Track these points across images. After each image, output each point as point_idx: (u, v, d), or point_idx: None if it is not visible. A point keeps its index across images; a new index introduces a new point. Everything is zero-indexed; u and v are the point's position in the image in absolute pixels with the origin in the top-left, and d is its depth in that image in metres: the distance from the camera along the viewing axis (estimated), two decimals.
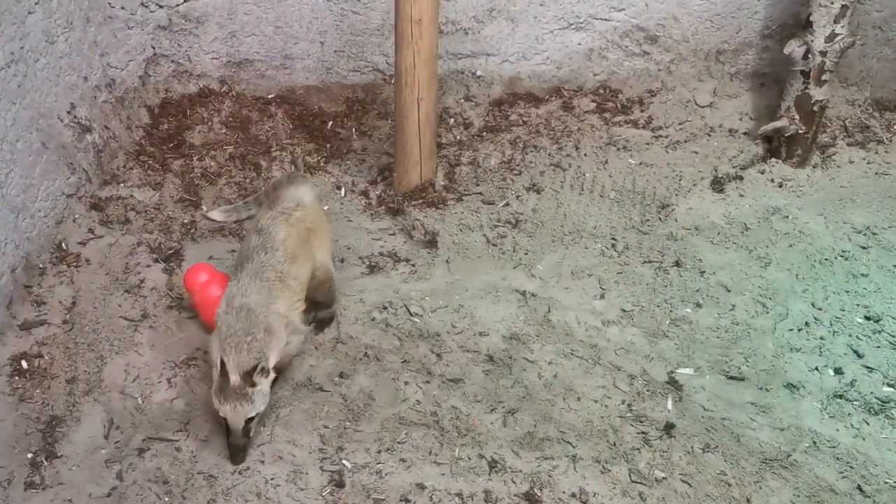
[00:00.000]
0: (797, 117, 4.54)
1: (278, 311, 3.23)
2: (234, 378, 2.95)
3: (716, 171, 4.59)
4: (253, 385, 2.97)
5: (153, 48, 4.71)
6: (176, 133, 4.62)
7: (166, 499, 2.94)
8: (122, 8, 4.48)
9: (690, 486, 3.03)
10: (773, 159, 4.67)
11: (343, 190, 4.44)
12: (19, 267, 3.64)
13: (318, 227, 3.57)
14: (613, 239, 4.16)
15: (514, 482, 3.02)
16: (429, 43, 3.99)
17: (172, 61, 4.78)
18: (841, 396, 3.38)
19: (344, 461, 3.08)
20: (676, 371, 3.48)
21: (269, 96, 4.93)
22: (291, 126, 4.78)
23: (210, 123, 4.70)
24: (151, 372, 3.40)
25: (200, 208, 4.24)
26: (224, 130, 4.68)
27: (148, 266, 3.88)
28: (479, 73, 5.00)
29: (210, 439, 3.14)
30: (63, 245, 3.89)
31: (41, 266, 3.76)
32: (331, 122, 4.84)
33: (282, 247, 3.32)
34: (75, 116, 4.13)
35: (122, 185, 4.28)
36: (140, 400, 3.29)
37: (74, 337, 3.51)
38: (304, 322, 3.43)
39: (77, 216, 4.04)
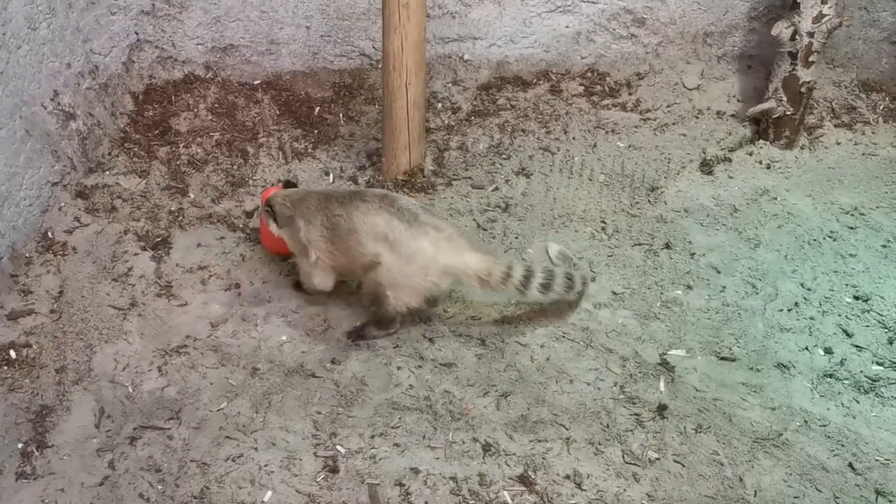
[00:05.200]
0: (784, 99, 4.55)
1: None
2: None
3: (704, 153, 4.60)
4: (272, 209, 3.56)
5: (137, 34, 4.65)
6: (161, 120, 4.57)
7: (159, 487, 2.92)
8: None
9: (683, 466, 3.04)
10: (761, 141, 4.68)
11: (331, 176, 4.41)
12: (5, 256, 3.60)
13: (399, 267, 3.34)
14: (603, 222, 4.16)
15: (508, 465, 3.03)
16: (416, 27, 3.96)
17: (156, 47, 4.72)
18: (831, 376, 3.40)
19: (338, 446, 3.07)
20: (668, 352, 3.49)
21: (256, 82, 4.88)
22: (278, 112, 4.74)
23: (196, 110, 4.65)
24: (141, 360, 3.38)
25: (188, 195, 4.20)
26: (210, 117, 4.64)
27: (136, 254, 3.84)
28: (466, 57, 4.97)
29: (202, 427, 3.13)
30: (49, 234, 3.85)
31: (27, 255, 3.72)
32: (318, 108, 4.80)
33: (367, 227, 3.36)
34: (59, 103, 4.08)
35: (108, 172, 4.24)
36: (130, 388, 3.27)
37: (63, 326, 3.48)
38: (319, 274, 3.54)
39: (62, 204, 4.00)
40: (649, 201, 4.30)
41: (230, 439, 3.09)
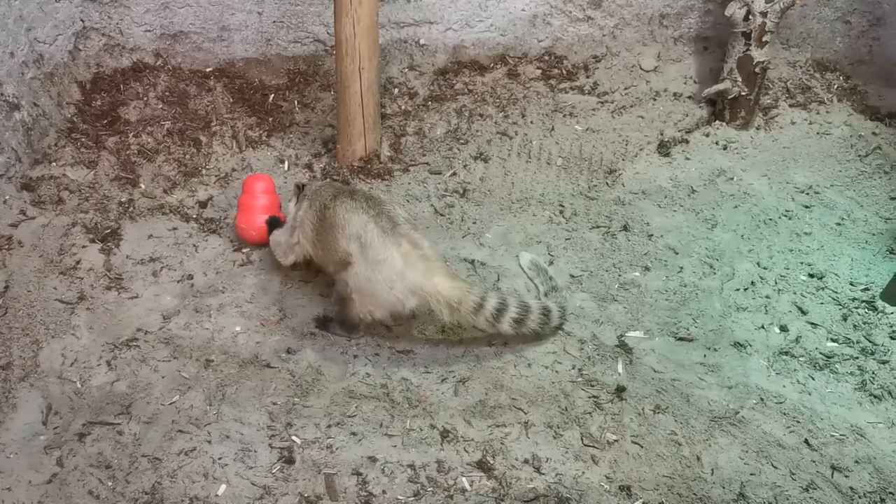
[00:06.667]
0: (739, 79, 4.56)
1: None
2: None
3: (661, 135, 4.60)
4: (300, 189, 3.59)
5: (82, 21, 4.53)
6: (110, 109, 4.46)
7: (109, 483, 2.85)
8: None
9: (642, 447, 3.03)
10: (718, 122, 4.69)
11: (286, 163, 4.34)
12: None
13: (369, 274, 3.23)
14: (561, 205, 4.14)
15: (466, 451, 3.00)
16: (369, 10, 3.90)
17: (103, 34, 4.60)
18: (787, 353, 3.42)
19: (293, 437, 3.03)
20: (626, 334, 3.49)
21: (207, 69, 4.78)
22: (231, 100, 4.65)
23: (146, 98, 4.55)
24: (90, 355, 3.29)
25: (138, 186, 4.11)
26: (161, 105, 4.54)
27: (84, 247, 3.75)
28: (422, 41, 4.92)
29: (154, 421, 3.06)
30: None
31: None
32: (272, 95, 4.72)
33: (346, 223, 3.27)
34: (2, 94, 3.95)
35: (54, 164, 4.13)
36: (79, 384, 3.18)
37: (8, 322, 3.37)
38: (286, 251, 3.57)
39: (7, 197, 3.88)
40: (607, 184, 4.29)
41: (183, 433, 3.02)
